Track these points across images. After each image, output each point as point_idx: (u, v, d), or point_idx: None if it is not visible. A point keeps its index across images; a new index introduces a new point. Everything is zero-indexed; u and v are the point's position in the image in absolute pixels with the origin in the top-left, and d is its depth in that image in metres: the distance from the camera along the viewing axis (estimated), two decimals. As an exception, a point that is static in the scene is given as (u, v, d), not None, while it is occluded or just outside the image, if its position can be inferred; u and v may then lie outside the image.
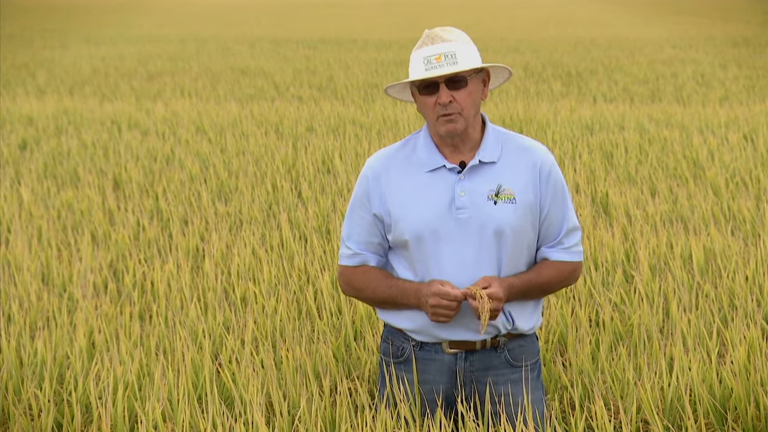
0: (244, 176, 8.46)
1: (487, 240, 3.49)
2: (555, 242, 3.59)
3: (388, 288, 3.57)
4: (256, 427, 3.65)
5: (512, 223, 3.49)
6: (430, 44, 3.48)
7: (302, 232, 6.72)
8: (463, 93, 3.47)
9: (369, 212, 3.59)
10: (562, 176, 3.60)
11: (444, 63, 3.44)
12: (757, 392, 3.94)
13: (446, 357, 3.59)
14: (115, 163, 9.17)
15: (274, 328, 4.83)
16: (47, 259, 6.06)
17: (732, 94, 14.29)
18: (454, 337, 3.56)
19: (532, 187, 3.53)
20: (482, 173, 3.52)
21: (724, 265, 5.68)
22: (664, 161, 8.87)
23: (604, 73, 17.57)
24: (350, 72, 18.34)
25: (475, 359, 3.58)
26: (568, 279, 3.63)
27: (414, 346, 3.62)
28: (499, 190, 3.51)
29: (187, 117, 12.22)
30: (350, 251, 3.62)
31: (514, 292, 3.51)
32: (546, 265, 3.59)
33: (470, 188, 3.50)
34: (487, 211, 3.49)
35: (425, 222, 3.50)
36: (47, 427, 3.93)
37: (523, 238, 3.53)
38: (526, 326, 3.61)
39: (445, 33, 3.50)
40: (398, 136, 10.62)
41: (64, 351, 4.51)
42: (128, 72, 18.89)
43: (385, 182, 3.57)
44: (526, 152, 3.57)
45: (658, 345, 4.47)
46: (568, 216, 3.59)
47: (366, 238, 3.61)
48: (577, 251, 3.62)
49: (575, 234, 3.61)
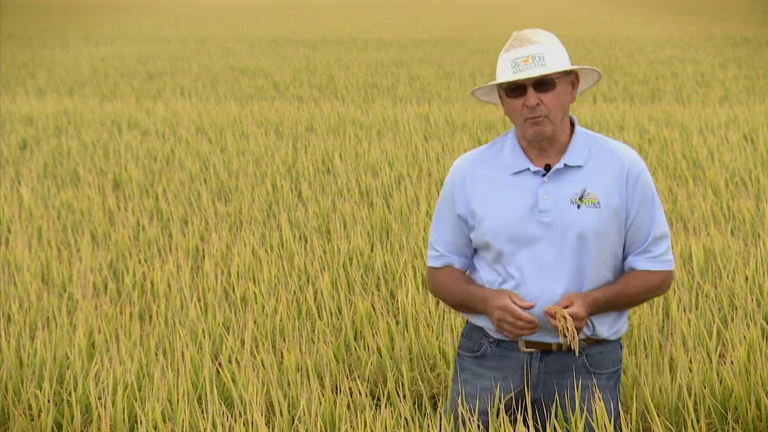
0: (244, 176, 8.46)
1: (569, 244, 3.44)
2: (641, 249, 3.51)
3: (460, 291, 3.56)
4: (256, 427, 3.65)
5: (595, 227, 3.43)
6: (518, 47, 3.43)
7: (302, 232, 6.72)
8: (551, 95, 3.42)
9: (454, 213, 3.57)
10: (651, 181, 3.52)
11: (532, 65, 3.39)
12: (757, 392, 3.94)
13: (521, 356, 3.54)
14: (115, 163, 9.17)
15: (274, 328, 4.83)
16: (47, 259, 6.05)
17: (732, 94, 14.28)
18: (530, 337, 3.50)
19: (618, 191, 3.46)
20: (567, 177, 3.47)
21: (724, 265, 5.68)
22: (663, 161, 8.87)
23: (604, 73, 17.56)
24: (350, 72, 18.34)
25: (550, 360, 3.53)
26: (658, 289, 3.54)
27: (491, 342, 3.60)
28: (583, 194, 3.45)
29: (187, 117, 12.22)
30: (436, 253, 3.62)
31: (598, 307, 3.44)
32: (633, 275, 3.51)
33: (554, 191, 3.46)
34: (570, 215, 3.43)
35: (507, 224, 3.47)
36: (47, 427, 3.93)
37: (607, 243, 3.47)
38: (608, 332, 3.53)
39: (533, 35, 3.45)
40: (398, 136, 10.62)
41: (63, 351, 4.51)
42: (128, 72, 18.89)
43: (470, 184, 3.54)
44: (614, 155, 3.50)
45: (658, 345, 4.47)
46: (656, 223, 3.51)
47: (451, 240, 3.60)
48: (666, 260, 3.52)
49: (664, 241, 3.52)
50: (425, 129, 11.08)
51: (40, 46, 25.35)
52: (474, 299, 3.52)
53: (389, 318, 4.77)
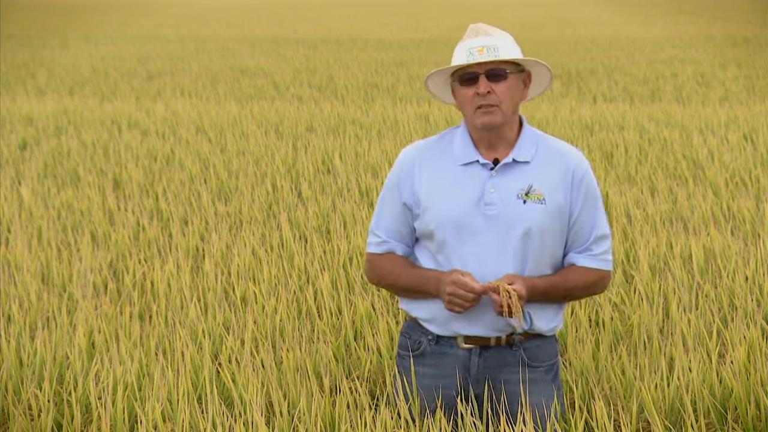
0: (244, 176, 8.46)
1: (513, 238, 3.48)
2: (583, 248, 3.57)
3: (410, 274, 3.58)
4: (256, 427, 3.65)
5: (540, 223, 3.48)
6: (473, 36, 3.51)
7: (302, 232, 6.72)
8: (502, 86, 3.48)
9: (399, 201, 3.60)
10: (595, 183, 3.59)
11: (486, 54, 3.46)
12: (757, 392, 3.94)
13: (461, 352, 3.58)
14: (115, 163, 9.17)
15: (274, 328, 4.83)
16: (47, 259, 6.05)
17: (732, 94, 14.28)
18: (469, 332, 3.55)
19: (563, 190, 3.52)
20: (514, 172, 3.52)
21: (724, 265, 5.68)
22: (663, 161, 8.87)
23: (604, 73, 17.57)
24: (350, 72, 18.34)
25: (489, 356, 3.57)
26: (595, 287, 3.60)
27: (430, 340, 3.61)
28: (529, 189, 3.50)
29: (187, 117, 12.22)
30: (378, 239, 3.64)
31: (537, 293, 3.50)
32: (572, 270, 3.58)
33: (501, 185, 3.50)
34: (515, 210, 3.48)
35: (453, 214, 3.50)
36: (47, 427, 3.93)
37: (549, 240, 3.52)
38: (546, 327, 3.59)
39: (489, 29, 3.53)
40: (398, 136, 10.62)
41: (63, 351, 4.51)
42: (128, 72, 18.89)
43: (418, 172, 3.58)
44: (561, 155, 3.57)
45: (658, 345, 4.47)
46: (599, 223, 3.57)
47: (394, 227, 3.62)
48: (605, 259, 3.59)
49: (605, 242, 3.58)
50: (425, 129, 11.08)
51: (40, 46, 25.35)
52: (427, 280, 3.54)
53: (389, 318, 4.77)
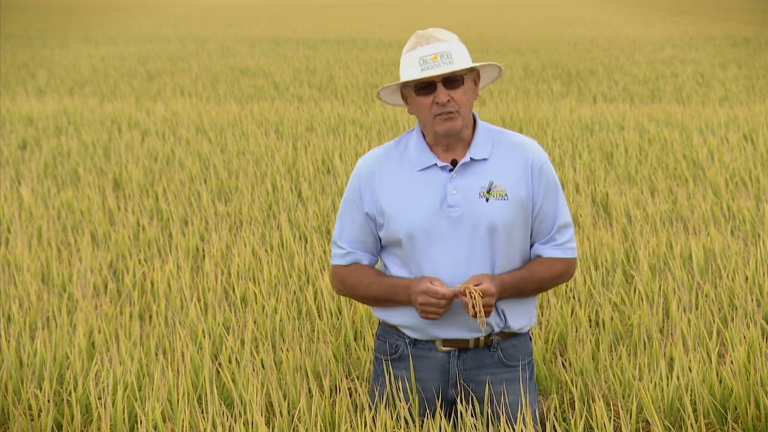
0: (244, 176, 8.46)
1: (480, 237, 3.50)
2: (547, 238, 3.60)
3: (379, 285, 3.57)
4: (256, 427, 3.65)
5: (504, 219, 3.50)
6: (425, 44, 3.48)
7: (302, 232, 6.72)
8: (460, 92, 3.49)
9: (361, 212, 3.59)
10: (554, 172, 3.61)
11: (440, 62, 3.46)
12: (757, 392, 3.94)
13: (439, 355, 3.59)
14: (115, 163, 9.17)
15: (274, 328, 4.83)
16: (47, 259, 6.05)
17: (732, 94, 14.28)
18: (446, 335, 3.56)
19: (524, 183, 3.54)
20: (474, 171, 3.53)
21: (724, 265, 5.68)
22: (663, 161, 8.87)
23: (604, 73, 17.56)
24: (350, 72, 18.34)
25: (468, 358, 3.58)
26: (562, 276, 3.63)
27: (408, 343, 3.62)
28: (490, 186, 3.52)
29: (187, 117, 12.22)
30: (342, 250, 3.63)
31: (506, 289, 3.51)
32: (538, 262, 3.59)
33: (462, 186, 3.51)
34: (479, 208, 3.49)
35: (417, 220, 3.50)
36: (47, 427, 3.93)
37: (516, 234, 3.54)
38: (518, 325, 3.61)
39: (438, 33, 3.51)
40: (398, 136, 10.61)
41: (63, 351, 4.51)
42: (128, 72, 18.89)
43: (378, 181, 3.57)
44: (518, 149, 3.58)
45: (658, 345, 4.47)
46: (561, 212, 3.60)
47: (358, 237, 3.61)
48: (570, 247, 3.62)
49: (567, 230, 3.61)
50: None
51: (40, 46, 25.35)
52: (396, 290, 3.53)
53: (389, 318, 4.76)
